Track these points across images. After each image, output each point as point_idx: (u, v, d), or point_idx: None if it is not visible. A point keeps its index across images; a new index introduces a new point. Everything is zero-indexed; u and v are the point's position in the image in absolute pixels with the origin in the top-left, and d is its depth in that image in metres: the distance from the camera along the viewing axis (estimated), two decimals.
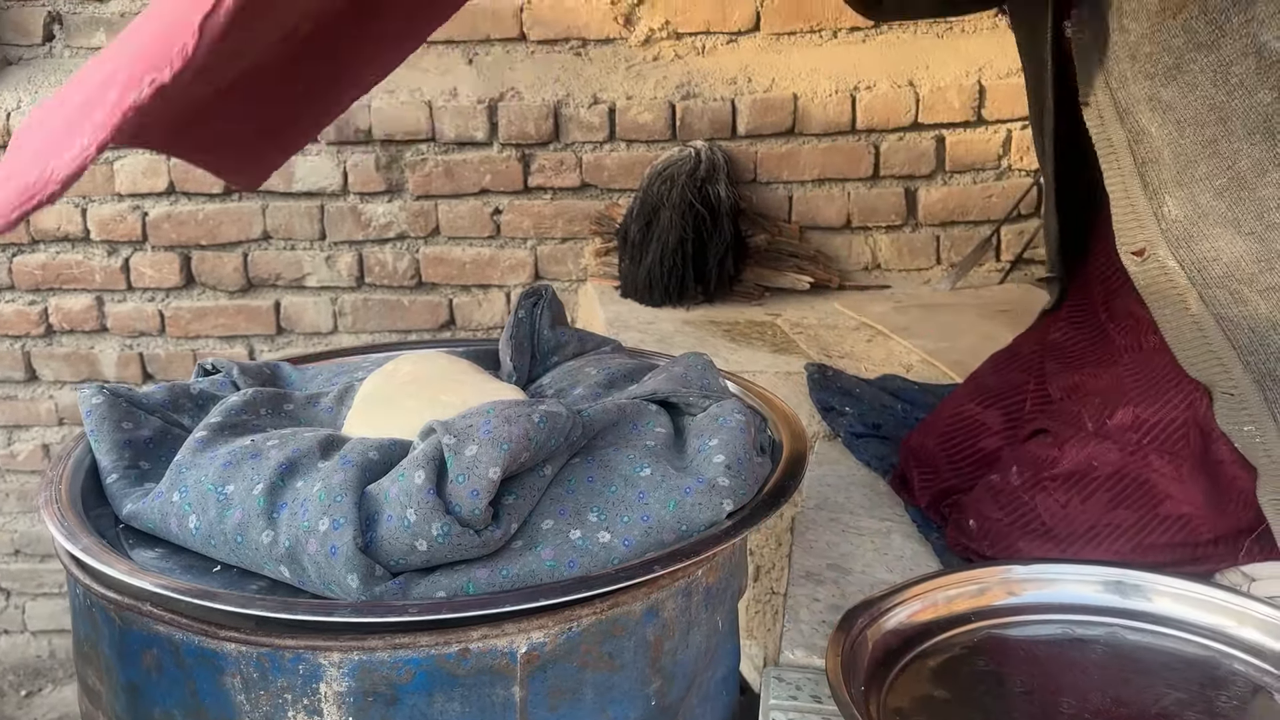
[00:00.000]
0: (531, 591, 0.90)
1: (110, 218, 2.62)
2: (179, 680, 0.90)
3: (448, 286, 2.72)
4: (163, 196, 2.64)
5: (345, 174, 2.65)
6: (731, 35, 2.70)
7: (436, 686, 0.88)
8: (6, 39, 2.63)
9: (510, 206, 2.69)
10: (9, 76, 2.60)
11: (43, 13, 2.62)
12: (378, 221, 2.67)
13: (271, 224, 2.67)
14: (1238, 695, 1.03)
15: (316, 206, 2.67)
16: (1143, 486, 1.31)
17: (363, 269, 2.72)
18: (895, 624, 1.10)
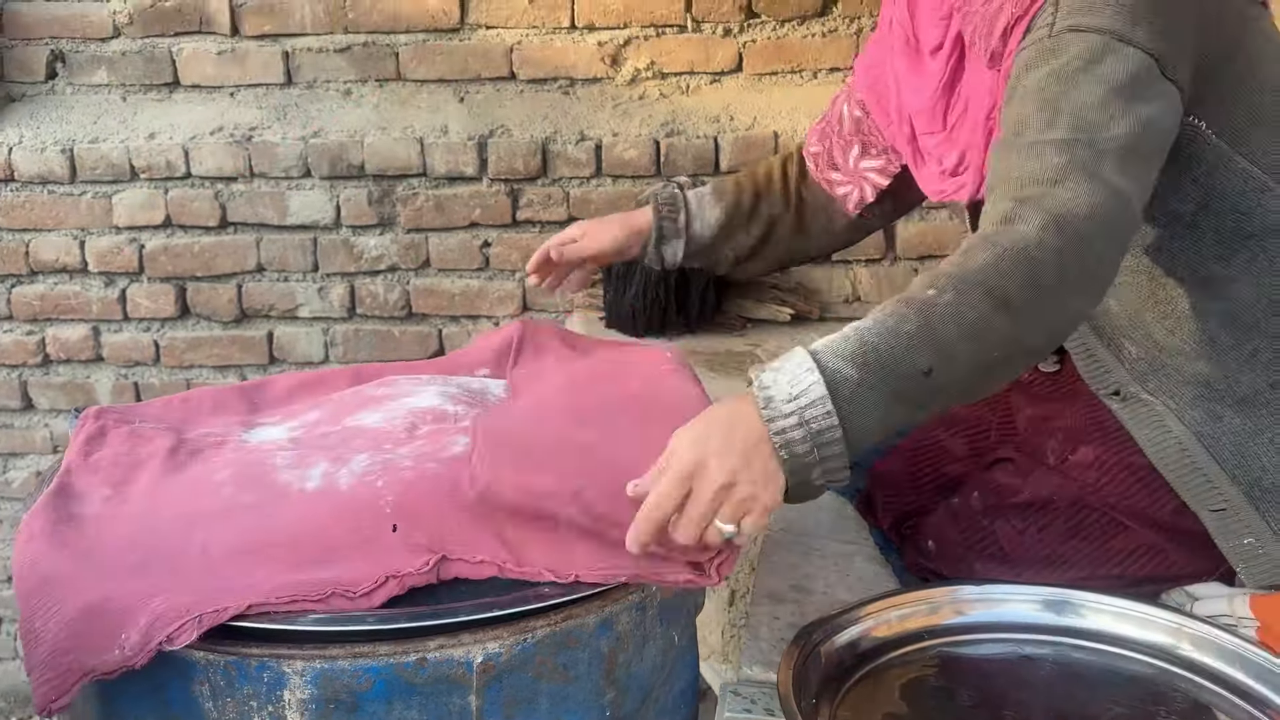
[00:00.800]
0: (487, 603, 0.92)
1: (108, 250, 2.62)
2: (149, 688, 0.91)
3: (437, 317, 2.72)
4: (160, 229, 2.65)
5: (338, 208, 2.64)
6: (715, 75, 2.71)
7: (395, 694, 0.90)
8: (10, 76, 2.65)
9: (499, 240, 2.68)
10: (12, 113, 2.63)
11: (45, 51, 2.64)
12: (369, 254, 2.68)
13: (266, 256, 2.67)
14: (1179, 711, 1.05)
15: (310, 239, 2.67)
16: (1100, 521, 1.32)
17: (354, 300, 2.71)
18: (848, 640, 1.11)
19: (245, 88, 2.69)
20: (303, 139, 2.60)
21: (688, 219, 1.62)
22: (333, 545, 0.93)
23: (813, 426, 0.89)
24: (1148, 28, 1.04)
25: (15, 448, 2.73)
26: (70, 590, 0.90)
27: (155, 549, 0.94)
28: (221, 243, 2.66)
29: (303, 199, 2.63)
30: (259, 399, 1.24)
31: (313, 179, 2.62)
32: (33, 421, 2.73)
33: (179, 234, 2.64)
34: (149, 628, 0.85)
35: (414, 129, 2.62)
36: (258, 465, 1.06)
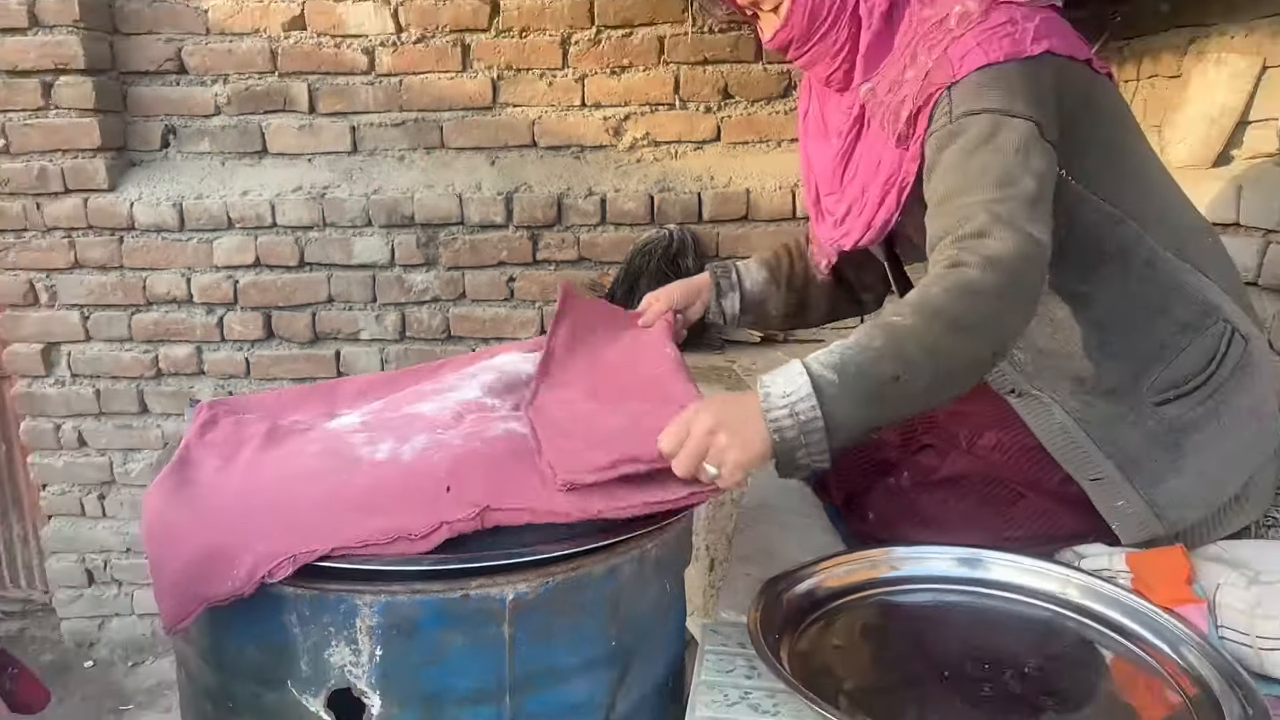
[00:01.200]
0: (515, 551, 0.93)
1: (209, 284, 2.63)
2: (250, 617, 0.92)
3: (471, 339, 2.70)
4: (250, 268, 2.65)
5: (392, 250, 2.64)
6: (698, 144, 2.71)
7: (444, 623, 0.92)
8: (131, 145, 2.66)
9: (522, 276, 2.67)
10: (133, 175, 2.64)
11: (160, 125, 2.65)
12: (417, 288, 2.67)
13: (334, 290, 2.68)
14: (1067, 645, 1.07)
15: (369, 276, 2.67)
16: (1003, 492, 1.32)
17: (405, 325, 2.70)
18: (805, 590, 1.13)
19: (319, 155, 2.70)
20: (365, 195, 2.62)
21: (739, 277, 1.55)
22: (398, 501, 0.93)
23: (800, 417, 0.97)
24: (1024, 102, 1.07)
25: (134, 444, 2.73)
26: (189, 535, 0.92)
27: (258, 504, 0.95)
28: (299, 279, 2.67)
29: (364, 244, 2.64)
30: (335, 396, 1.25)
31: (372, 228, 2.64)
32: (148, 423, 2.73)
33: (265, 272, 2.66)
34: (254, 565, 0.87)
35: (454, 186, 2.63)
36: (337, 442, 1.06)
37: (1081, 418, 1.23)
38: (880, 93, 1.20)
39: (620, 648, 1.02)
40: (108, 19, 2.56)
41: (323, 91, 2.67)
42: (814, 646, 1.06)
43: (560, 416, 1.11)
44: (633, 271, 2.57)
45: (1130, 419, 1.22)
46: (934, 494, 1.34)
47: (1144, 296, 1.23)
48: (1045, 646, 1.06)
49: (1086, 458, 1.22)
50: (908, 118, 1.15)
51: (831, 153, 1.33)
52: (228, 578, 0.87)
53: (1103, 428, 1.22)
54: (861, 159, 1.27)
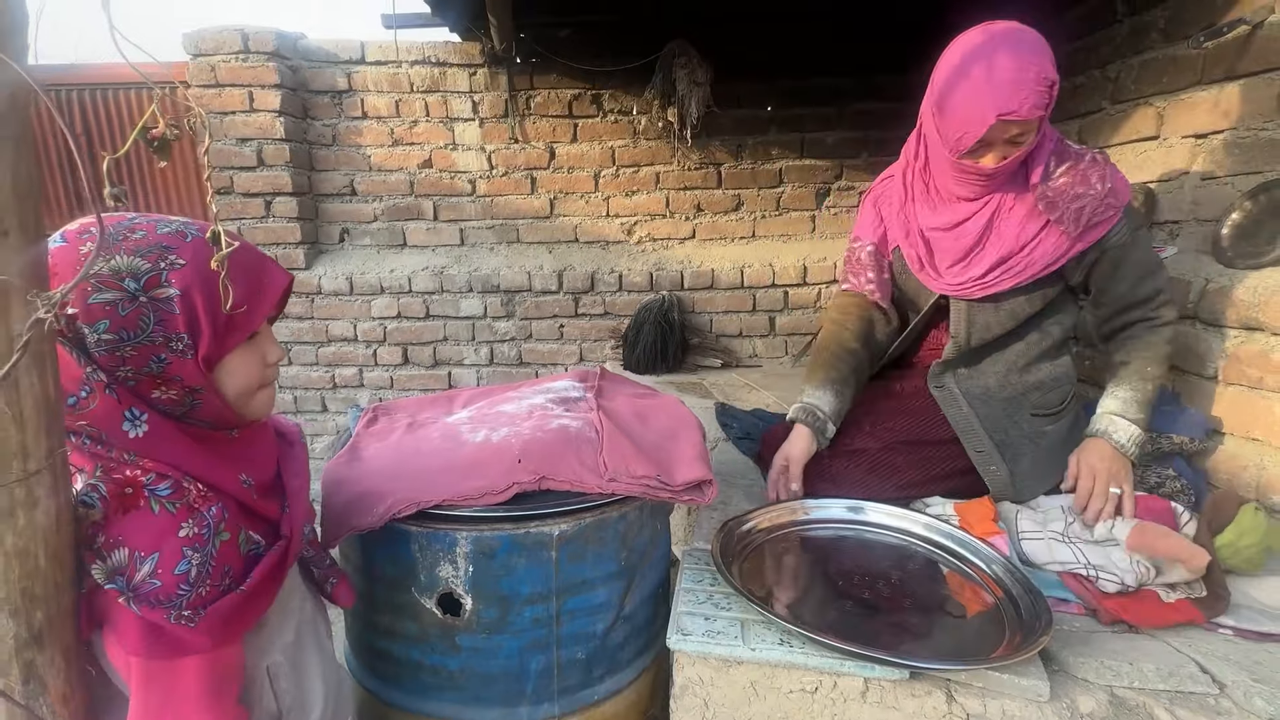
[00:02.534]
0: (560, 504, 0.89)
1: (368, 329, 2.62)
2: (385, 542, 0.89)
3: (536, 364, 2.65)
4: (395, 319, 2.63)
5: (485, 307, 2.61)
6: (681, 240, 2.69)
7: (512, 550, 0.89)
8: (320, 240, 2.66)
9: (569, 324, 2.63)
10: (320, 259, 2.64)
11: (338, 228, 2.65)
12: (501, 332, 2.64)
13: (448, 333, 2.64)
14: (918, 564, 1.04)
15: (470, 324, 2.63)
16: (888, 464, 1.24)
17: (493, 356, 2.66)
18: (747, 528, 1.09)
19: (440, 246, 2.68)
20: (469, 272, 2.60)
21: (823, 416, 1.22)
22: (486, 469, 0.90)
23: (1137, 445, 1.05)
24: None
25: (317, 432, 2.71)
26: (348, 487, 0.90)
27: (397, 469, 0.93)
28: (426, 325, 2.64)
29: (468, 303, 2.63)
30: (451, 401, 1.21)
31: (473, 293, 2.61)
32: (326, 418, 2.72)
33: (404, 321, 2.64)
34: (389, 508, 0.84)
35: (525, 267, 2.61)
36: (451, 431, 1.03)
37: (978, 410, 1.17)
38: (1053, 194, 1.05)
39: (627, 566, 0.98)
40: (306, 160, 2.58)
41: (442, 206, 2.67)
42: (754, 565, 1.03)
43: (621, 417, 1.06)
44: (639, 321, 2.53)
45: (1006, 413, 1.17)
46: (840, 461, 1.25)
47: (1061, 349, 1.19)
48: (904, 565, 1.03)
49: (975, 436, 1.16)
50: (1087, 223, 1.04)
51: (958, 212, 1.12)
52: (369, 514, 0.85)
53: (991, 420, 1.16)
54: (1002, 231, 1.09)
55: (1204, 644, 0.85)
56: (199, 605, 0.58)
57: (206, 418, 0.65)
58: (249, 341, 0.66)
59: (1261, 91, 1.20)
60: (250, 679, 0.68)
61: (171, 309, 0.60)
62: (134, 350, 0.59)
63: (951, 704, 0.78)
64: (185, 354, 0.61)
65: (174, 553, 0.58)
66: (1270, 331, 1.07)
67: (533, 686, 0.93)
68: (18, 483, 0.47)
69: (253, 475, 0.68)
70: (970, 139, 0.99)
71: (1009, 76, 0.93)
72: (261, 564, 0.64)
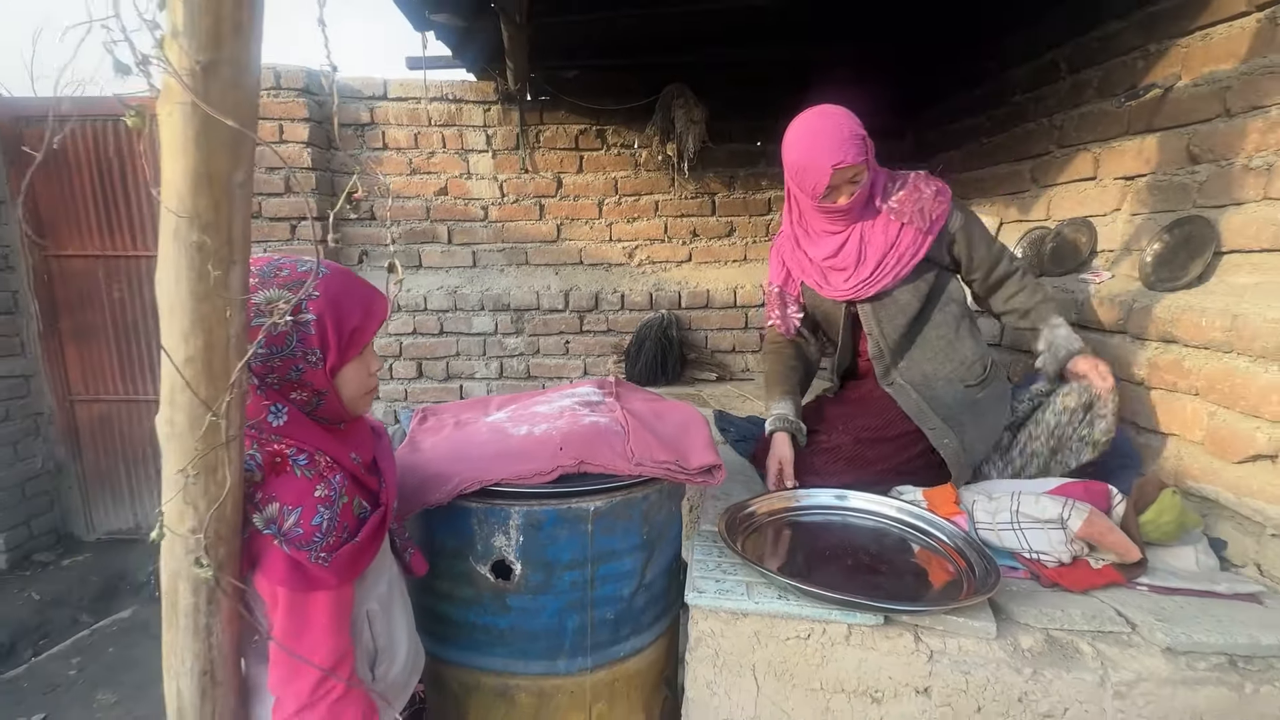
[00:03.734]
0: (596, 485, 1.03)
1: (385, 344, 2.70)
2: (449, 517, 1.03)
3: (543, 378, 2.74)
4: (410, 334, 2.72)
5: (496, 324, 2.71)
6: (678, 263, 2.81)
7: (556, 523, 1.03)
8: (342, 261, 2.58)
9: (574, 341, 2.73)
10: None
11: (358, 250, 2.72)
12: (510, 347, 2.74)
13: (460, 348, 2.73)
14: (891, 541, 1.17)
15: (482, 340, 2.72)
16: (862, 456, 1.38)
17: (502, 370, 2.75)
18: (747, 513, 1.23)
19: (454, 268, 2.80)
20: (480, 292, 2.72)
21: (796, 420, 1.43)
22: (534, 455, 1.03)
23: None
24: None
25: None
26: (418, 470, 1.03)
27: (456, 456, 1.05)
28: (440, 341, 2.75)
29: (479, 321, 2.74)
30: (487, 405, 1.33)
31: (484, 311, 2.73)
32: None
33: (419, 337, 2.74)
34: (456, 486, 0.98)
35: (534, 287, 2.73)
36: (497, 426, 1.15)
37: (924, 395, 1.33)
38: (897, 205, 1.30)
39: (649, 539, 1.11)
40: (330, 187, 2.68)
41: (456, 231, 2.79)
42: (754, 542, 1.16)
43: (642, 415, 1.19)
44: (640, 337, 2.66)
45: (951, 392, 1.32)
46: (821, 457, 1.41)
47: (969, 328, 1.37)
48: (880, 541, 1.17)
49: (927, 416, 1.31)
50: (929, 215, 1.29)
51: (832, 242, 1.34)
52: (438, 492, 0.98)
53: (935, 400, 1.32)
54: (871, 241, 1.32)
55: (1123, 597, 1.03)
56: (330, 550, 0.75)
57: (326, 415, 0.82)
58: (359, 356, 0.83)
59: (1174, 143, 1.42)
60: (354, 620, 0.84)
61: (309, 330, 0.77)
62: (280, 361, 0.76)
63: (918, 643, 0.96)
64: (317, 365, 0.78)
65: (311, 508, 0.75)
66: (1182, 344, 1.28)
67: (570, 642, 1.07)
68: (222, 446, 0.64)
69: (360, 454, 0.84)
70: (821, 187, 1.26)
71: (830, 139, 1.25)
72: (369, 522, 0.80)
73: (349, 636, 0.79)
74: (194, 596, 0.67)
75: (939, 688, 0.94)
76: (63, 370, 2.88)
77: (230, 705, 0.74)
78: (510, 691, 1.08)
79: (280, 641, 0.73)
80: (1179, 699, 0.89)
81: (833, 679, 0.98)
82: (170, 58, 0.52)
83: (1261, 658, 0.90)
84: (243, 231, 0.60)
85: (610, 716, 1.12)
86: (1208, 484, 1.19)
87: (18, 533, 2.79)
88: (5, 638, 2.32)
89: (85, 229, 2.78)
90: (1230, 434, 1.15)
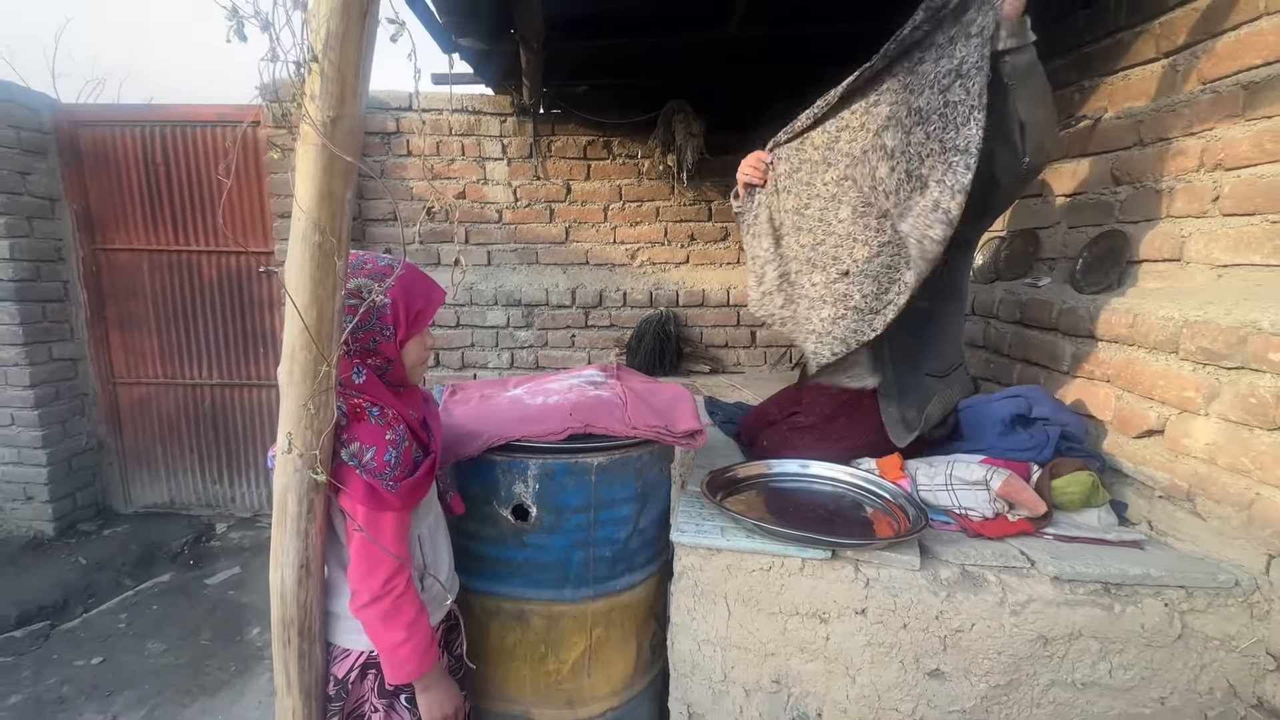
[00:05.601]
0: (599, 443, 1.23)
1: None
2: (479, 469, 1.23)
3: (550, 368, 2.89)
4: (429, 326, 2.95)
5: (508, 318, 2.92)
6: (677, 264, 3.03)
7: (565, 475, 1.23)
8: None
9: (579, 335, 2.93)
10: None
11: (382, 248, 2.91)
12: (521, 340, 2.92)
13: (475, 340, 2.95)
14: (847, 501, 1.34)
15: (495, 333, 2.93)
16: (832, 434, 1.54)
17: (513, 360, 2.95)
18: (727, 477, 1.40)
19: (471, 266, 2.98)
20: (494, 289, 2.92)
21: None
22: (548, 419, 1.23)
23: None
24: None
25: None
26: (452, 432, 1.22)
27: (483, 420, 1.25)
28: (456, 333, 2.96)
29: (493, 315, 2.93)
30: (506, 383, 1.52)
31: (498, 306, 2.93)
32: None
33: (437, 329, 2.92)
34: (485, 441, 1.18)
35: (543, 285, 2.93)
36: (516, 398, 1.36)
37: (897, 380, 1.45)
38: None
39: (641, 492, 1.31)
40: (357, 190, 2.96)
41: (473, 232, 3.00)
42: (731, 501, 1.32)
43: (638, 391, 1.39)
44: (640, 332, 2.86)
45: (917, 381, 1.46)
46: (796, 435, 1.57)
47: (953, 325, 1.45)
48: (837, 501, 1.34)
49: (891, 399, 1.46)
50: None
51: None
52: (469, 447, 1.19)
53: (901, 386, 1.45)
54: None
55: (1029, 543, 1.25)
56: (396, 480, 0.98)
57: (392, 379, 1.05)
58: (420, 334, 1.06)
59: (1101, 167, 1.64)
60: (410, 541, 1.07)
61: (385, 311, 1.00)
62: (363, 334, 0.99)
63: (858, 573, 1.18)
64: (389, 338, 1.01)
65: (383, 448, 0.98)
66: (1098, 339, 1.50)
67: (575, 574, 1.28)
68: (326, 391, 0.87)
69: (415, 413, 1.08)
70: None
71: None
72: (423, 465, 1.03)
73: (408, 551, 1.02)
74: (298, 506, 0.90)
75: (873, 608, 1.16)
76: (107, 354, 3.12)
77: (318, 594, 0.97)
78: (525, 615, 1.29)
79: (360, 546, 0.96)
80: (1061, 616, 1.11)
81: (789, 603, 1.19)
82: (310, 113, 0.76)
83: (1129, 585, 1.12)
84: (347, 234, 0.83)
85: (606, 639, 1.33)
86: (1114, 456, 1.41)
87: (64, 504, 3.03)
88: (60, 596, 2.55)
89: (131, 225, 3.02)
90: (1130, 413, 1.38)
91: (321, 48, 0.70)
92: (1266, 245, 1.20)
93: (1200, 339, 1.20)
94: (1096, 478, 1.33)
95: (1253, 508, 1.11)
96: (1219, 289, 1.26)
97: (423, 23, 2.06)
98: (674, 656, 1.26)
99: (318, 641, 0.98)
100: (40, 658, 2.22)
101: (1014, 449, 1.38)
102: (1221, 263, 1.29)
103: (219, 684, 2.04)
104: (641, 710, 1.42)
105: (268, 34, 0.64)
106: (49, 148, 2.90)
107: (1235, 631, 1.09)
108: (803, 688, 1.21)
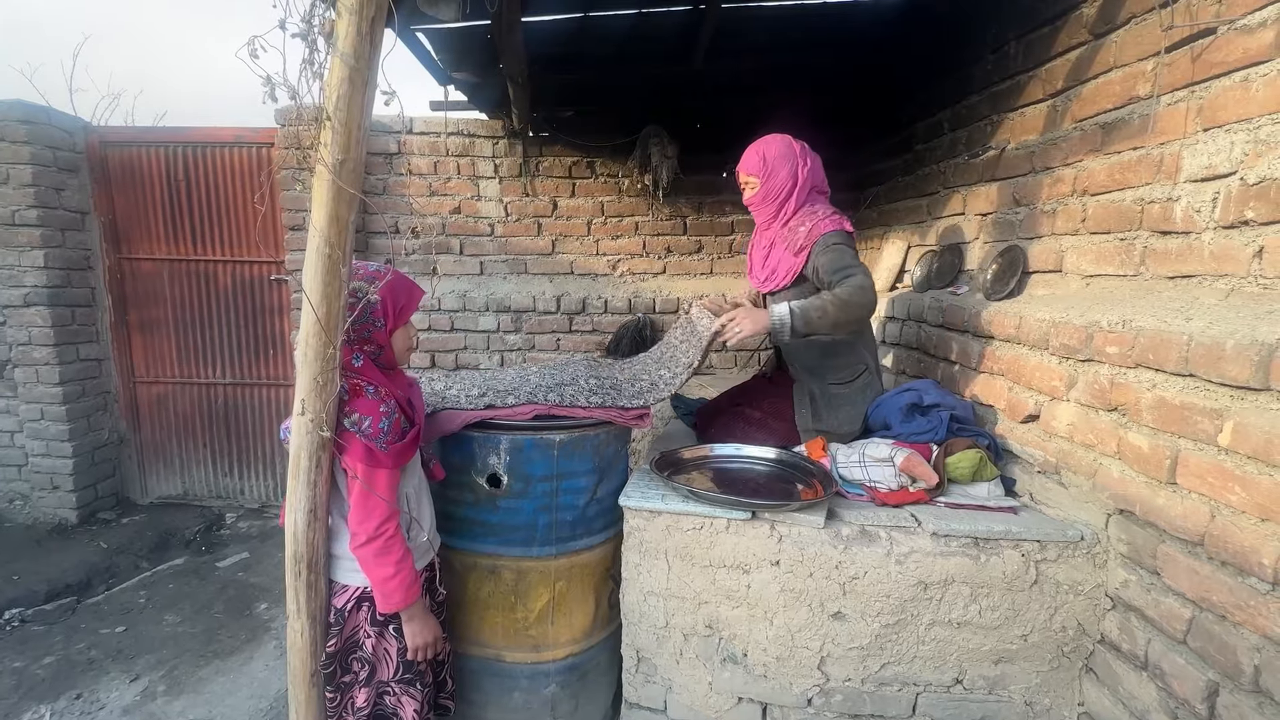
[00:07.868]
0: (562, 422, 1.42)
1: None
2: (459, 443, 1.42)
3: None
4: (425, 331, 3.07)
5: (499, 323, 3.09)
6: (654, 274, 3.20)
7: (533, 449, 1.42)
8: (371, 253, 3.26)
9: (564, 339, 3.10)
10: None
11: (384, 259, 3.10)
12: (510, 343, 3.13)
13: (467, 343, 3.10)
14: (780, 477, 1.51)
15: (486, 336, 3.11)
16: (771, 424, 1.73)
17: (503, 363, 3.12)
18: (675, 459, 1.59)
19: (464, 275, 3.18)
20: (486, 296, 3.11)
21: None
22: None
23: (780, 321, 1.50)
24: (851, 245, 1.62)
25: None
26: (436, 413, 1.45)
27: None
28: (450, 337, 3.15)
29: (484, 320, 3.12)
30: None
31: (489, 312, 3.12)
32: None
33: (433, 333, 3.14)
34: (462, 421, 1.40)
35: (531, 293, 3.11)
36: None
37: (809, 390, 1.70)
38: (786, 232, 1.67)
39: (599, 466, 1.49)
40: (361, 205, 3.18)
41: (466, 244, 3.20)
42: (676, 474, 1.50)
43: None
44: (619, 337, 3.04)
45: (824, 389, 1.69)
46: (740, 424, 1.78)
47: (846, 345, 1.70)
48: (769, 476, 1.52)
49: (804, 404, 1.69)
50: (800, 246, 1.63)
51: (761, 254, 1.77)
52: (451, 424, 1.40)
53: (812, 394, 1.69)
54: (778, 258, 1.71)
55: (922, 509, 1.47)
56: (388, 444, 1.21)
57: (384, 363, 1.28)
58: (405, 325, 1.30)
59: (1006, 190, 1.88)
60: (399, 497, 1.30)
61: (377, 306, 1.24)
62: (359, 326, 1.23)
63: (773, 531, 1.40)
64: (380, 328, 1.25)
65: (378, 417, 1.21)
66: (996, 339, 1.73)
67: (540, 534, 1.48)
68: (332, 369, 1.11)
69: (402, 392, 1.31)
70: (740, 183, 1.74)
71: (746, 154, 1.70)
72: (409, 434, 1.27)
73: (397, 504, 1.25)
74: (309, 461, 1.14)
75: (785, 560, 1.38)
76: (129, 355, 3.36)
77: (323, 535, 1.20)
78: (497, 569, 1.50)
79: (359, 496, 1.19)
80: (937, 565, 1.33)
81: (717, 558, 1.41)
82: (323, 156, 1.00)
83: (994, 540, 1.34)
84: (350, 248, 1.07)
85: (568, 592, 1.53)
86: (1005, 439, 1.64)
87: (86, 493, 3.25)
88: (84, 575, 2.78)
89: (153, 236, 3.27)
90: (1017, 401, 1.60)
91: (333, 108, 0.94)
92: (1117, 259, 1.44)
93: (1062, 336, 1.43)
94: (984, 454, 1.56)
95: (1096, 475, 1.34)
96: (1084, 295, 1.50)
97: (421, 61, 2.32)
98: (625, 606, 1.47)
99: (322, 575, 1.21)
100: (69, 627, 2.44)
101: (915, 433, 1.61)
102: (1089, 273, 1.52)
103: (230, 650, 2.26)
104: (601, 657, 1.62)
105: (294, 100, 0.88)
106: (80, 166, 3.16)
107: (1081, 578, 1.32)
108: (730, 630, 1.42)
